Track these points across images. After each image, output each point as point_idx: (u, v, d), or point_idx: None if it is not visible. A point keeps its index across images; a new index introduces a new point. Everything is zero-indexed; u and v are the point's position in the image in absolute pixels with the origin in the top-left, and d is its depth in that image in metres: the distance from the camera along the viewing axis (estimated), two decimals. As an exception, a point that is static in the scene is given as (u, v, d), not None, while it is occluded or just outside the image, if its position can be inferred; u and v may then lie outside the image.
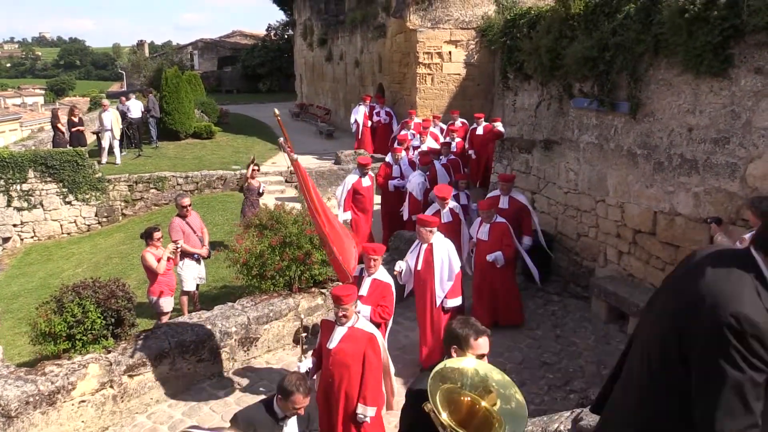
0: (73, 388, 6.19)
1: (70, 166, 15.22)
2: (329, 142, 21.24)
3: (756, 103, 6.07)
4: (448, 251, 6.91)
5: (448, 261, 6.88)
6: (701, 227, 6.75)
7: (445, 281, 6.89)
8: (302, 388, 4.06)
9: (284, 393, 4.06)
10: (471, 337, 3.20)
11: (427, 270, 6.86)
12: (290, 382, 4.08)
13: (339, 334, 5.15)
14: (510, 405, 2.62)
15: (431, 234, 6.87)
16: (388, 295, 6.15)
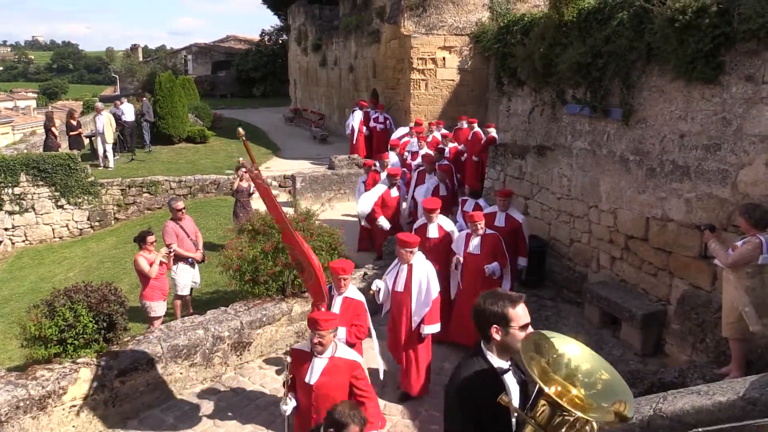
0: (65, 392, 6.16)
1: (62, 170, 15.16)
2: (323, 146, 21.25)
3: (747, 110, 6.12)
4: (427, 274, 6.52)
5: (426, 285, 6.49)
6: (693, 233, 6.79)
7: (421, 306, 6.50)
8: (357, 418, 3.66)
9: (338, 426, 3.63)
10: (509, 309, 2.86)
11: (406, 293, 6.52)
12: (343, 414, 3.65)
13: (319, 367, 4.68)
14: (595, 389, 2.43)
15: (411, 255, 6.47)
16: (362, 313, 5.87)
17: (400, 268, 6.59)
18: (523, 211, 10.19)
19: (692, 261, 6.84)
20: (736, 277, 5.40)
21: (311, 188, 14.84)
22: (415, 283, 6.47)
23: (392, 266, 6.79)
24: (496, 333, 2.84)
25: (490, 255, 7.49)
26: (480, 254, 7.48)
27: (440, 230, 7.81)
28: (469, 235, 7.57)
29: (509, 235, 8.12)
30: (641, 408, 3.34)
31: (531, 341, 2.56)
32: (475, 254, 7.49)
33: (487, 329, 2.87)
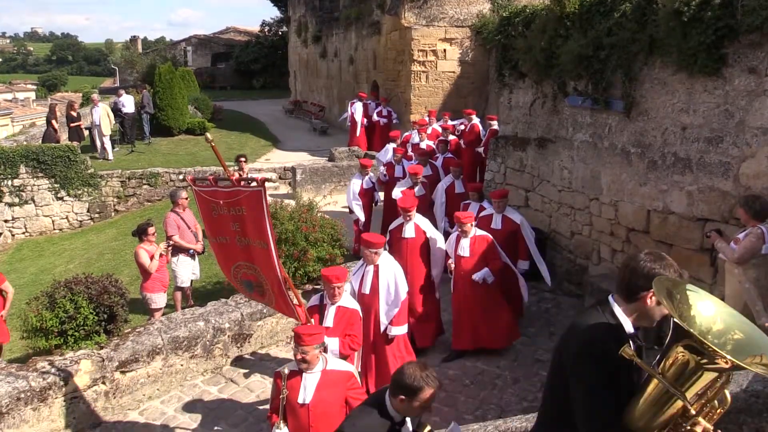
0: (65, 384, 6.16)
1: (62, 162, 15.14)
2: (323, 138, 21.22)
3: (749, 103, 6.10)
4: (395, 275, 6.27)
5: (394, 286, 6.24)
6: (694, 226, 6.78)
7: (390, 307, 6.25)
8: (431, 380, 3.24)
9: (409, 391, 3.21)
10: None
11: (373, 295, 6.25)
12: (415, 376, 3.21)
13: (312, 384, 4.28)
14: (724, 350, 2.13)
15: (377, 255, 6.20)
16: (356, 323, 5.53)
17: (365, 269, 6.29)
18: (524, 203, 10.18)
19: (693, 254, 6.84)
20: (740, 270, 5.40)
21: (311, 180, 14.82)
22: (383, 284, 6.22)
23: (357, 268, 6.49)
24: (650, 298, 2.52)
25: (480, 258, 7.14)
26: (469, 257, 7.15)
27: (417, 229, 7.32)
28: (459, 236, 7.23)
29: (507, 237, 7.75)
30: (643, 400, 3.33)
31: (663, 286, 2.33)
32: (463, 257, 7.17)
33: (637, 289, 2.53)
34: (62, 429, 6.20)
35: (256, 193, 4.87)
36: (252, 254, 5.12)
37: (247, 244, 5.06)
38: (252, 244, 5.03)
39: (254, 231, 4.94)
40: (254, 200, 4.87)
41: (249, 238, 5.02)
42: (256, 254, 5.07)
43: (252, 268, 5.21)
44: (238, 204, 4.92)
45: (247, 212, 4.92)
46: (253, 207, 4.87)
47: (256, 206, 4.87)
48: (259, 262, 5.10)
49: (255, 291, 5.41)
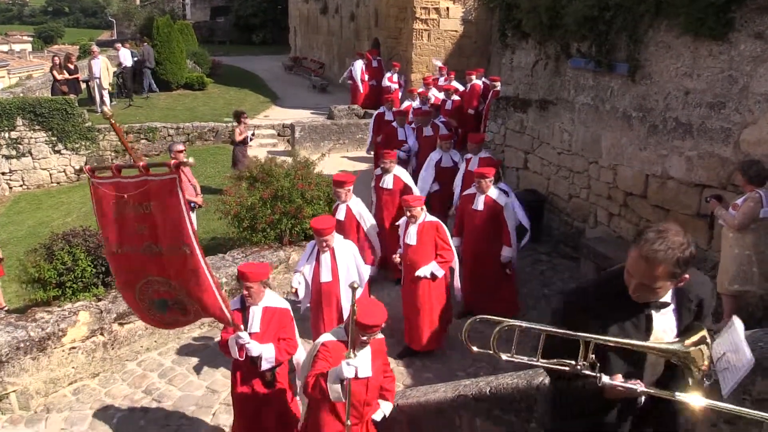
0: (64, 334, 6.24)
1: (59, 115, 15.00)
2: (322, 96, 21.02)
3: (754, 69, 6.02)
4: (354, 257, 5.91)
5: (355, 268, 5.88)
6: (692, 191, 6.78)
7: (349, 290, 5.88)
8: None
9: None
10: None
11: (334, 281, 5.81)
12: None
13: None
14: None
15: (331, 239, 5.75)
16: (288, 324, 4.84)
17: (321, 256, 5.82)
18: (523, 165, 10.16)
19: (690, 219, 6.85)
20: (736, 236, 5.43)
21: (310, 138, 14.75)
22: (342, 268, 5.79)
23: (306, 256, 6.03)
24: None
25: (428, 247, 6.49)
26: (416, 245, 6.51)
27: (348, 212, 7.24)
28: (408, 221, 6.60)
29: (490, 220, 7.16)
30: (633, 360, 3.39)
31: None
32: (410, 245, 6.56)
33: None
34: (61, 378, 6.30)
35: (169, 182, 3.72)
36: (166, 265, 3.95)
37: (159, 252, 3.90)
38: (165, 253, 3.89)
39: (169, 233, 3.82)
40: (166, 191, 3.73)
41: (160, 245, 3.88)
42: (174, 264, 3.91)
43: (166, 284, 4.04)
44: (145, 198, 3.76)
45: (157, 208, 3.78)
46: (164, 201, 3.76)
47: (169, 200, 3.75)
48: (178, 274, 3.95)
49: (172, 310, 4.22)
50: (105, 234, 4.03)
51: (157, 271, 3.99)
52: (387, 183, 8.13)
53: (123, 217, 3.87)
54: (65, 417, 5.95)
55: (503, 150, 10.65)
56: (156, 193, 3.74)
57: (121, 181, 3.82)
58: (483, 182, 7.14)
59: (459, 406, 4.33)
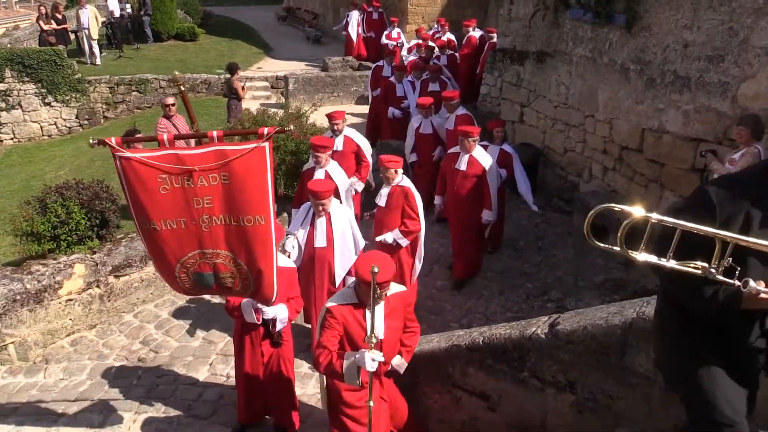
0: (60, 287, 6.27)
1: (48, 66, 14.70)
2: (316, 47, 20.65)
3: (755, 21, 5.93)
4: (349, 221, 5.73)
5: (351, 232, 5.70)
6: (688, 145, 6.76)
7: (347, 258, 5.65)
8: None
9: None
10: None
11: (328, 247, 5.62)
12: None
13: None
14: None
15: (328, 204, 5.55)
16: (295, 283, 4.89)
17: (316, 221, 5.62)
18: (519, 118, 10.08)
19: (684, 173, 6.86)
20: None
21: (304, 90, 14.57)
22: (338, 233, 5.60)
23: (301, 219, 5.82)
24: None
25: (395, 213, 6.21)
26: (385, 209, 6.28)
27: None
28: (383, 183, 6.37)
29: (471, 182, 6.93)
30: (625, 311, 3.44)
31: None
32: (380, 207, 6.35)
33: None
34: (59, 329, 6.36)
35: (258, 152, 3.60)
36: (228, 237, 3.84)
37: (222, 224, 3.78)
38: (230, 224, 3.78)
39: (244, 204, 3.72)
40: (254, 161, 3.61)
41: (226, 217, 3.75)
42: (240, 235, 3.80)
43: (222, 256, 3.91)
44: (224, 169, 3.61)
45: (237, 179, 3.64)
46: (249, 172, 3.63)
47: (257, 170, 3.63)
48: (243, 245, 3.84)
49: (216, 284, 4.09)
50: (140, 211, 3.75)
51: (212, 244, 3.85)
52: (338, 145, 7.40)
53: (174, 192, 3.67)
54: (64, 367, 6.03)
55: (499, 103, 10.56)
56: (240, 164, 3.60)
57: (183, 153, 3.63)
58: (467, 142, 6.86)
59: (452, 356, 4.41)
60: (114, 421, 5.14)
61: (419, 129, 8.77)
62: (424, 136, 8.74)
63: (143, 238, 3.94)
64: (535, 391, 3.99)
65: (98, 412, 5.28)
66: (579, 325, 3.60)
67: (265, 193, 3.69)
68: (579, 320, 3.64)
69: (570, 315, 3.80)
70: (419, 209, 6.18)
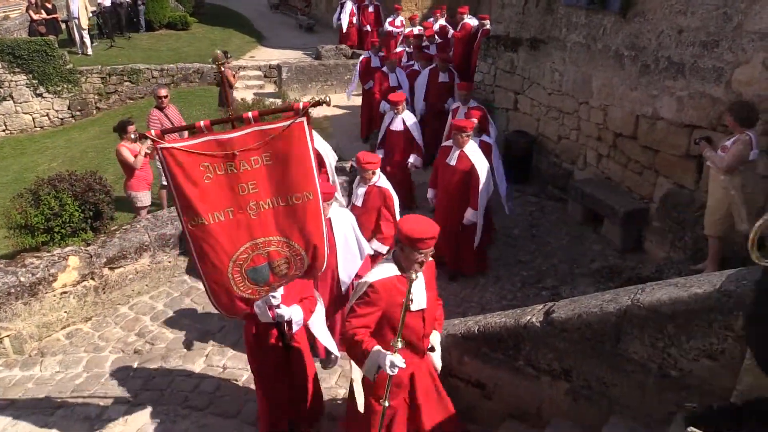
0: (55, 279, 6.25)
1: (39, 57, 14.58)
2: (309, 36, 20.54)
3: (749, 6, 5.91)
4: (351, 225, 5.47)
5: (354, 236, 5.46)
6: (682, 132, 6.75)
7: (350, 263, 5.45)
8: None
9: None
10: None
11: (330, 252, 5.08)
12: None
13: None
14: None
15: (328, 207, 5.14)
16: (309, 285, 4.69)
17: None
18: (513, 106, 10.06)
19: (678, 160, 6.86)
20: (727, 177, 5.44)
21: (297, 79, 14.51)
22: (340, 239, 5.35)
23: None
24: None
25: (372, 215, 6.07)
26: (361, 209, 6.08)
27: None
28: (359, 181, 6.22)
29: (461, 177, 6.76)
30: (619, 298, 3.45)
31: None
32: (356, 206, 6.14)
33: None
34: (54, 322, 6.35)
35: (296, 127, 3.50)
36: (279, 220, 3.70)
37: (271, 208, 3.66)
38: (279, 206, 3.66)
39: (290, 183, 3.60)
40: (294, 138, 3.51)
41: (274, 200, 3.64)
42: (290, 215, 3.69)
43: (269, 243, 3.75)
44: (265, 150, 3.51)
45: (279, 159, 3.54)
46: (290, 149, 3.53)
47: (297, 146, 3.53)
48: (294, 225, 3.73)
49: (271, 276, 3.88)
50: (187, 205, 3.52)
51: (262, 232, 3.69)
52: None
53: (218, 180, 3.51)
54: (59, 360, 6.02)
55: (493, 90, 10.53)
56: (281, 142, 3.49)
57: (222, 138, 3.45)
58: (460, 137, 6.68)
59: (449, 344, 4.42)
60: (110, 414, 5.14)
61: (390, 125, 8.54)
62: (395, 134, 8.53)
63: (192, 241, 3.64)
64: (531, 379, 4.01)
65: (94, 404, 5.28)
66: (574, 313, 3.61)
67: (309, 168, 3.60)
68: (574, 308, 3.65)
69: (565, 303, 3.81)
70: (396, 211, 6.05)
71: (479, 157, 6.79)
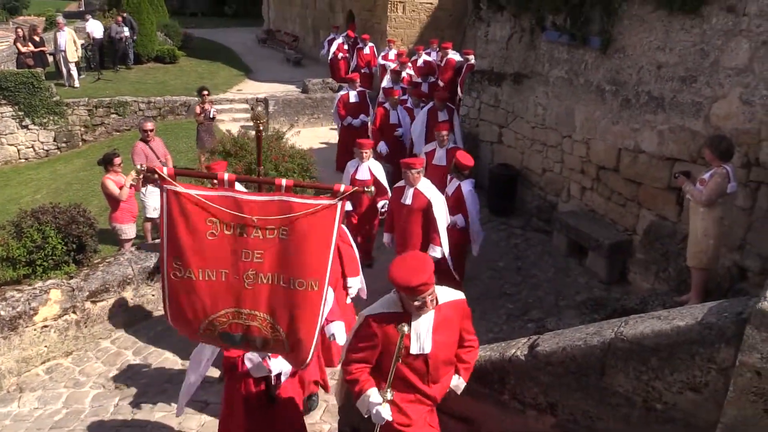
0: (35, 313, 6.16)
1: (25, 89, 14.60)
2: (297, 70, 20.75)
3: (725, 43, 6.08)
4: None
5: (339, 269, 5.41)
6: (663, 164, 6.86)
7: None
8: None
9: None
10: None
11: None
12: None
13: None
14: None
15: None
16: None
17: None
18: (497, 139, 10.17)
19: (660, 192, 6.95)
20: (705, 210, 5.50)
21: (284, 112, 14.61)
22: None
23: None
24: None
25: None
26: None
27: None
28: None
29: (417, 216, 6.53)
30: (603, 331, 3.45)
31: None
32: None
33: None
34: (34, 357, 6.23)
35: (330, 212, 3.24)
36: (271, 299, 3.34)
37: (269, 283, 3.31)
38: (279, 285, 3.31)
39: (300, 265, 3.27)
40: (324, 221, 3.24)
41: (276, 276, 3.30)
42: (287, 298, 3.32)
43: (254, 317, 3.38)
44: (286, 223, 3.20)
45: (299, 237, 3.23)
46: (315, 231, 3.24)
47: (323, 231, 3.25)
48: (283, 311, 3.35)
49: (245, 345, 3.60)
50: (177, 254, 3.22)
51: (252, 304, 3.34)
52: None
53: (223, 239, 3.20)
54: (38, 396, 5.90)
55: (478, 124, 10.66)
56: (305, 221, 3.19)
57: (242, 198, 3.18)
58: (410, 174, 6.42)
59: (433, 379, 4.37)
60: (90, 451, 5.03)
61: (355, 174, 7.74)
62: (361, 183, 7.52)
63: (168, 285, 3.33)
64: (517, 414, 3.97)
65: (73, 441, 5.17)
66: (558, 347, 3.60)
67: (326, 257, 3.28)
68: (558, 341, 3.65)
69: (549, 336, 3.81)
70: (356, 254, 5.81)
71: (434, 193, 6.49)
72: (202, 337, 3.54)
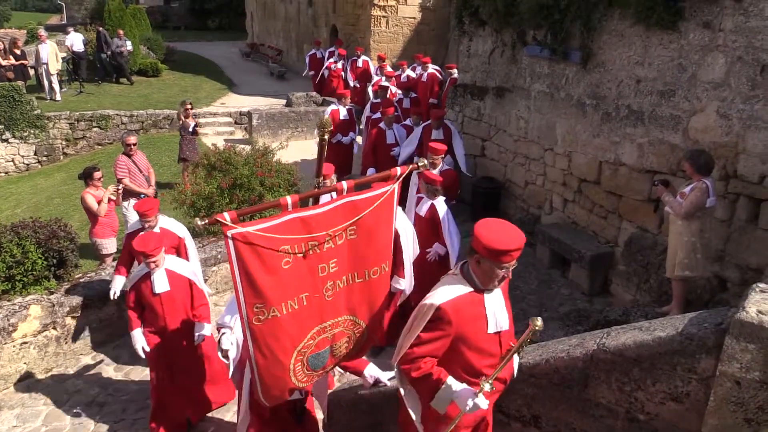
0: (14, 329, 6.07)
1: (6, 102, 14.46)
2: (281, 83, 20.78)
3: (702, 57, 6.19)
4: None
5: None
6: (644, 177, 6.95)
7: None
8: None
9: None
10: None
11: None
12: None
13: None
14: None
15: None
16: None
17: None
18: (480, 152, 10.24)
19: (641, 204, 7.03)
20: (684, 223, 5.57)
21: (268, 125, 14.59)
22: None
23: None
24: None
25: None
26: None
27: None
28: None
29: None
30: (586, 343, 3.48)
31: None
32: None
33: None
34: (12, 374, 6.13)
35: (389, 198, 3.20)
36: (344, 301, 3.28)
37: (344, 285, 3.24)
38: (353, 283, 3.26)
39: (372, 256, 3.25)
40: (385, 208, 3.20)
41: (349, 275, 3.23)
42: (363, 291, 3.31)
43: (337, 324, 3.31)
44: (352, 224, 3.12)
45: (365, 232, 3.17)
46: (378, 220, 3.19)
47: (385, 217, 3.22)
48: (362, 304, 3.34)
49: (330, 358, 3.44)
50: (257, 301, 2.94)
51: (333, 314, 3.23)
52: None
53: (297, 263, 2.98)
54: (17, 414, 5.80)
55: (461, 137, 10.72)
56: (370, 214, 3.11)
57: (308, 215, 2.96)
58: None
59: (418, 392, 4.36)
60: (69, 470, 4.94)
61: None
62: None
63: (255, 338, 3.03)
64: (501, 426, 3.98)
65: (53, 460, 5.08)
66: (541, 359, 3.62)
67: (390, 238, 3.25)
68: (541, 353, 3.67)
69: (532, 348, 3.83)
70: None
71: (403, 222, 5.54)
72: (295, 377, 3.29)
